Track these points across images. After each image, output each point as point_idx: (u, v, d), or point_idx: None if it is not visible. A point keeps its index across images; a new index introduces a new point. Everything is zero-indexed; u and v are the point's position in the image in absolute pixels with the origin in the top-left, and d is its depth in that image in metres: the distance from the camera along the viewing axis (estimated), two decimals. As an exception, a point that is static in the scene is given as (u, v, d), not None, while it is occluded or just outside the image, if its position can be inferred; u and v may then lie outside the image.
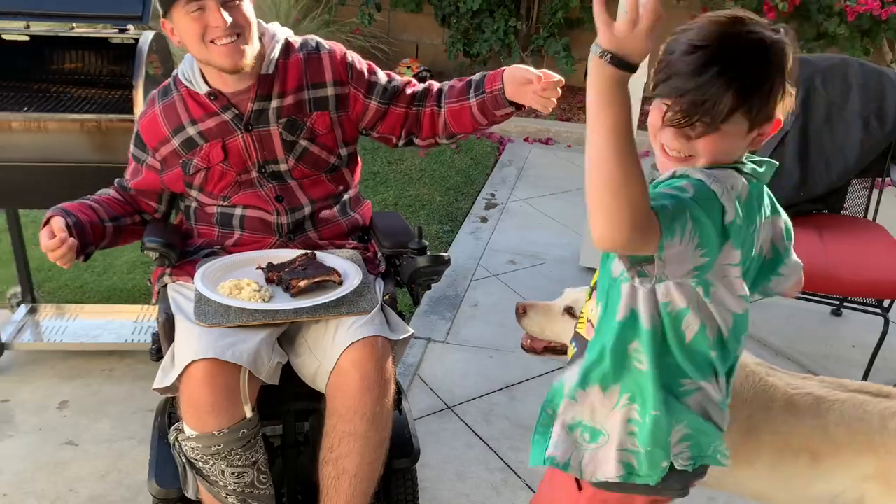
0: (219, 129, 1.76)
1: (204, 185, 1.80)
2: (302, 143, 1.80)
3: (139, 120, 1.84)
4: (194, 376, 1.49)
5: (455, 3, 5.60)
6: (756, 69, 1.11)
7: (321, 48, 1.84)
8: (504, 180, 4.50)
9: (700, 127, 1.13)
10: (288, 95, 1.78)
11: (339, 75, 1.82)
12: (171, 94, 1.81)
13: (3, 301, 2.89)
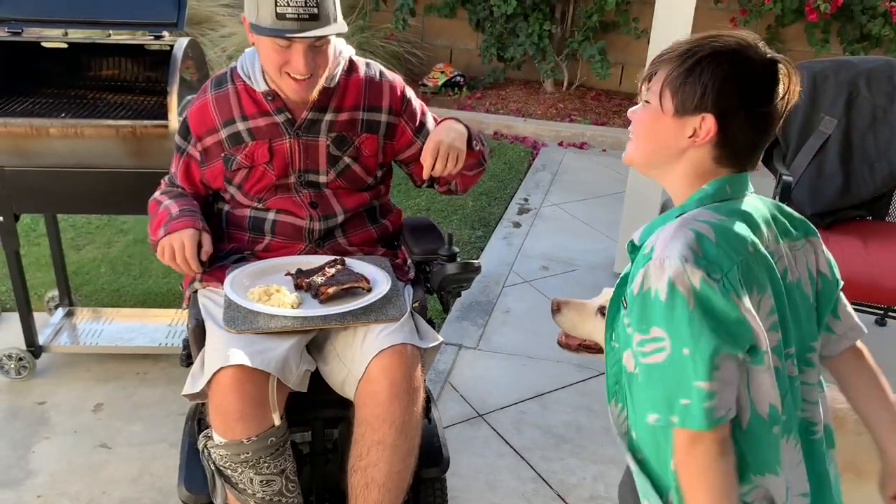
0: (268, 129, 1.77)
1: (243, 183, 1.80)
2: (346, 159, 1.81)
3: (189, 109, 1.83)
4: (223, 383, 1.49)
5: (489, 8, 5.58)
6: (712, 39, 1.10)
7: (384, 76, 1.87)
8: (538, 185, 4.46)
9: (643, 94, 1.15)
10: (343, 112, 1.79)
11: (395, 105, 1.85)
12: (225, 86, 1.80)
13: (41, 304, 2.93)
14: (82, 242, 3.50)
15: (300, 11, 1.58)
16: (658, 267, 1.04)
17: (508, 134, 5.26)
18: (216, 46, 5.46)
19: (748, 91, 1.08)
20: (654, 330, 1.05)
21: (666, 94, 1.11)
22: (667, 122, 1.11)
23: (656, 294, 1.04)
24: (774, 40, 5.35)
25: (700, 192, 1.13)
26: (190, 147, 1.83)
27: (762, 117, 1.09)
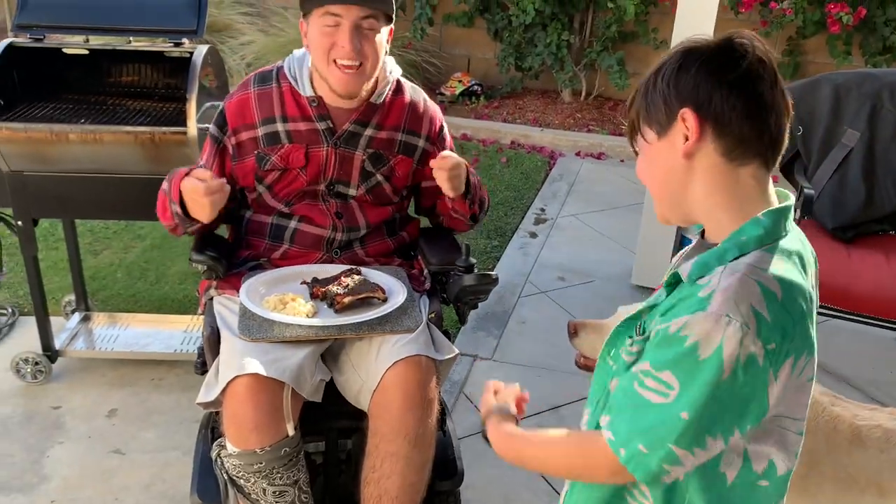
0: (307, 135, 1.76)
1: (274, 184, 1.80)
2: (378, 176, 1.82)
3: (227, 101, 1.82)
4: (237, 392, 1.48)
5: (508, 18, 5.57)
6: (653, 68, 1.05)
7: (427, 104, 1.89)
8: (554, 195, 4.44)
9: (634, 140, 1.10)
10: (384, 130, 1.80)
11: (432, 134, 1.87)
12: (269, 84, 1.80)
13: (58, 308, 2.94)
14: (99, 247, 3.52)
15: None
16: (713, 322, 0.93)
17: (525, 143, 5.24)
18: (235, 54, 5.49)
19: (708, 70, 1.00)
20: (667, 374, 0.96)
21: (643, 130, 1.06)
22: (658, 149, 1.05)
23: (693, 347, 0.94)
24: (795, 52, 5.31)
25: (756, 225, 1.01)
26: (225, 139, 1.81)
27: (740, 85, 0.99)
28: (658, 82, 1.02)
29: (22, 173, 2.30)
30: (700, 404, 0.94)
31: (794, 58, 5.32)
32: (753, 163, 1.01)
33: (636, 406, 0.99)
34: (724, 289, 0.95)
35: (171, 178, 1.73)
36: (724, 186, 1.02)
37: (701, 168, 1.02)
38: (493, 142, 5.24)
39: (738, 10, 4.88)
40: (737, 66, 0.99)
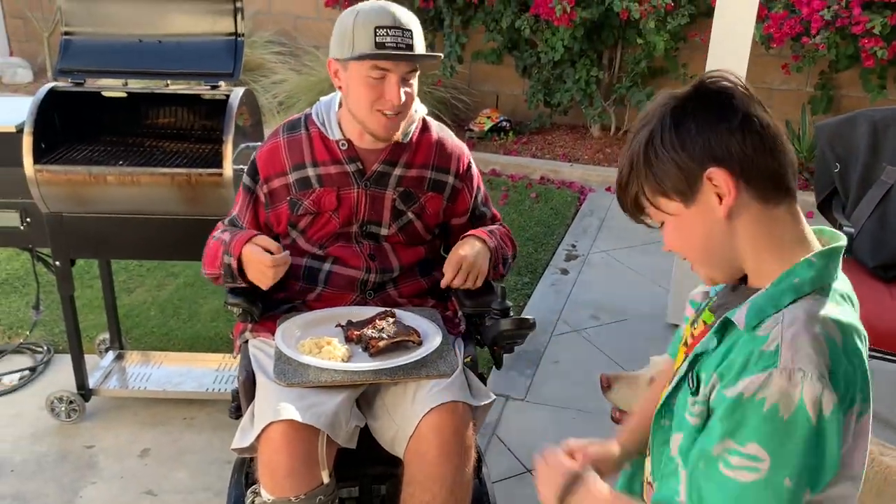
0: (338, 178, 1.77)
1: (307, 228, 1.81)
2: (410, 215, 1.82)
3: (258, 151, 1.85)
4: (272, 439, 1.46)
5: (536, 55, 5.61)
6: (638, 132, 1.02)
7: (454, 140, 1.90)
8: (585, 231, 4.41)
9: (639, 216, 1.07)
10: (413, 168, 1.81)
11: (460, 171, 1.88)
12: (298, 131, 1.82)
13: (92, 347, 2.97)
14: (133, 285, 3.56)
15: (398, 41, 1.61)
16: (787, 379, 0.89)
17: (555, 179, 5.23)
18: (267, 93, 5.58)
19: (709, 122, 0.96)
20: (753, 447, 0.91)
21: (663, 202, 1.01)
22: (692, 217, 1.00)
23: (773, 410, 0.89)
24: (828, 86, 5.26)
25: (809, 267, 0.97)
26: (257, 188, 1.83)
27: (747, 124, 0.96)
28: (659, 151, 0.98)
29: (60, 214, 2.33)
30: (798, 465, 0.90)
31: (827, 91, 5.27)
32: (787, 199, 0.99)
33: (726, 491, 0.93)
34: (791, 340, 0.91)
35: (233, 235, 1.74)
36: (766, 231, 0.99)
37: (742, 221, 0.99)
38: (522, 177, 5.23)
39: (769, 45, 4.86)
40: (733, 107, 0.97)
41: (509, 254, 1.90)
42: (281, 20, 6.49)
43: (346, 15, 1.67)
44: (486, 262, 1.76)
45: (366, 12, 1.64)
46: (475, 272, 1.73)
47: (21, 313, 3.24)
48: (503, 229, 1.95)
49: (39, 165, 2.25)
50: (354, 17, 1.64)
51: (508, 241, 1.92)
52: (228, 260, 1.70)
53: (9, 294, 3.41)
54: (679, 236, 1.04)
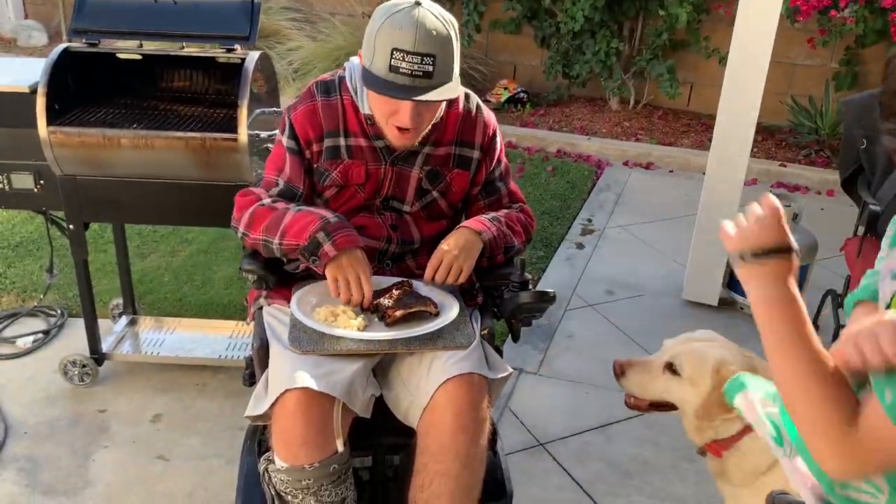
0: (368, 152, 1.73)
1: (332, 199, 1.76)
2: (434, 193, 1.78)
3: (293, 113, 1.74)
4: (287, 407, 1.44)
5: (556, 25, 5.51)
6: None
7: (480, 111, 1.82)
8: (602, 206, 4.36)
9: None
10: (441, 146, 1.76)
11: (485, 142, 1.81)
12: (334, 95, 1.74)
13: (105, 311, 2.96)
14: (147, 251, 3.55)
15: (414, 68, 1.52)
16: None
17: (572, 152, 5.17)
18: (283, 59, 5.53)
19: None
20: None
21: None
22: None
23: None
24: (853, 62, 5.15)
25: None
26: (303, 152, 1.74)
27: None
28: None
29: (74, 177, 2.31)
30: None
31: (852, 67, 5.16)
32: None
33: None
34: None
35: (332, 216, 1.64)
36: None
37: None
38: (538, 150, 5.17)
39: (794, 18, 4.75)
40: None
41: (517, 241, 1.80)
42: (297, -14, 6.40)
43: (378, 14, 1.56)
44: (472, 256, 1.69)
45: (391, 27, 1.52)
46: (458, 267, 1.68)
47: (35, 276, 3.24)
48: (515, 214, 1.85)
49: (53, 127, 2.22)
50: (380, 26, 1.54)
51: (520, 227, 1.83)
52: (324, 240, 1.59)
53: (23, 257, 3.41)
54: None
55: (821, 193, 4.67)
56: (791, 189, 4.66)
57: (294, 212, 1.66)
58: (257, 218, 1.69)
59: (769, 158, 5.04)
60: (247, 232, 1.70)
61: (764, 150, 5.16)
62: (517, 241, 1.81)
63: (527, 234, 1.87)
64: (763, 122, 4.74)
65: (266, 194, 1.75)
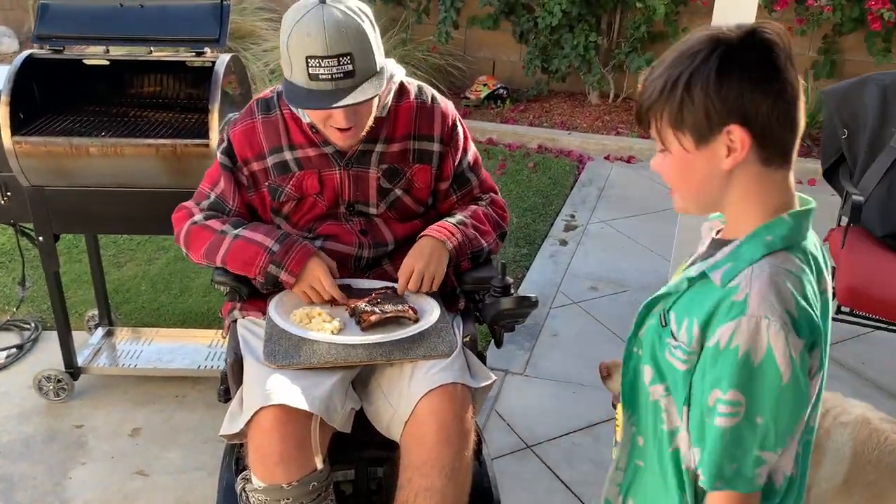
0: (318, 160, 1.68)
1: (291, 214, 1.73)
2: (397, 191, 1.73)
3: (231, 129, 1.72)
4: (263, 424, 1.40)
5: (534, 20, 5.47)
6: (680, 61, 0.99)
7: (435, 102, 1.76)
8: (584, 201, 4.33)
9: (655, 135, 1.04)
10: (394, 143, 1.71)
11: (445, 135, 1.76)
12: (273, 111, 1.70)
13: (81, 323, 2.90)
14: (123, 259, 3.48)
15: (333, 72, 1.47)
16: (754, 326, 0.95)
17: (553, 148, 5.14)
18: (259, 61, 5.45)
19: (751, 79, 0.96)
20: (732, 394, 0.97)
21: (677, 136, 1.01)
22: (696, 158, 1.01)
23: (745, 356, 0.96)
24: (831, 50, 5.15)
25: (782, 225, 1.02)
26: (237, 170, 1.73)
27: (781, 93, 0.97)
28: (695, 90, 0.97)
29: (42, 188, 2.24)
30: (773, 406, 0.97)
31: (830, 56, 5.16)
32: (786, 166, 1.03)
33: (724, 441, 0.99)
34: (757, 291, 0.97)
35: (275, 239, 1.63)
36: (760, 190, 1.03)
37: (741, 175, 1.01)
38: (519, 146, 5.14)
39: (772, 7, 4.74)
40: (777, 70, 0.97)
41: (485, 243, 1.76)
42: (271, -15, 6.32)
43: (284, 26, 1.51)
44: (441, 264, 1.67)
45: (298, 36, 1.47)
46: (429, 276, 1.66)
47: (7, 289, 3.17)
48: (483, 210, 1.80)
49: (18, 137, 2.16)
50: (288, 37, 1.49)
51: (488, 226, 1.78)
52: (277, 272, 1.61)
53: (-5, 269, 3.33)
54: (677, 171, 1.06)
55: (802, 183, 4.66)
56: (773, 179, 4.64)
57: (231, 238, 1.64)
58: (193, 239, 1.69)
59: (750, 149, 5.03)
60: (188, 252, 1.71)
61: (744, 140, 5.14)
62: (485, 242, 1.76)
63: (498, 230, 1.82)
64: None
65: (197, 208, 1.74)
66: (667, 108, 1.00)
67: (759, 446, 0.98)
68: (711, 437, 1.00)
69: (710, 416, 1.01)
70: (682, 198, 1.09)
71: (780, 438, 0.99)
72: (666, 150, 1.05)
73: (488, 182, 1.88)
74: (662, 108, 1.00)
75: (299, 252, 1.62)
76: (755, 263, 1.00)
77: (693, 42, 0.99)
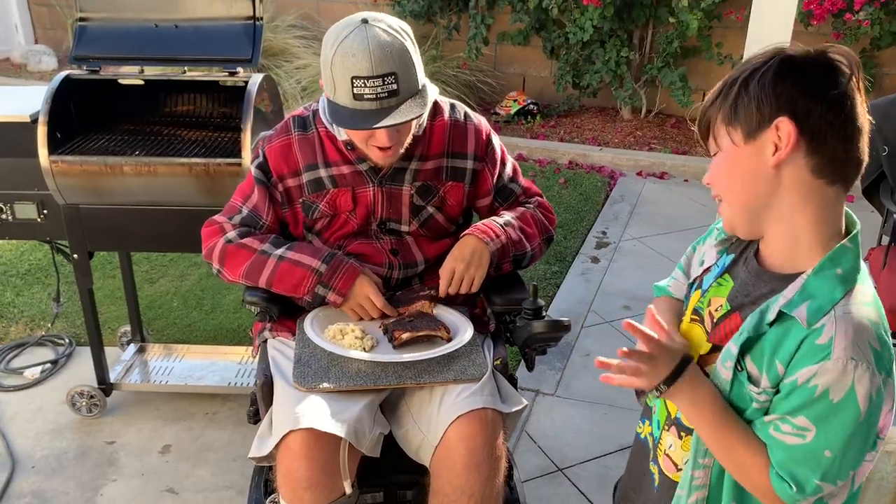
0: (352, 177, 1.68)
1: (324, 230, 1.73)
2: (429, 209, 1.73)
3: (267, 145, 1.72)
4: (291, 448, 1.38)
5: (565, 35, 5.46)
6: (742, 67, 1.02)
7: (469, 119, 1.76)
8: (616, 217, 4.28)
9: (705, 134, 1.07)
10: (429, 160, 1.71)
11: (479, 151, 1.76)
12: (310, 129, 1.71)
13: (114, 338, 2.92)
14: (156, 275, 3.51)
15: (378, 91, 1.47)
16: (841, 370, 0.95)
17: (584, 163, 5.10)
18: (291, 78, 5.50)
19: (809, 83, 0.97)
20: (802, 419, 0.98)
21: (728, 131, 1.02)
22: (744, 154, 1.01)
23: (825, 394, 0.96)
24: (869, 64, 5.05)
25: (847, 255, 1.00)
26: (271, 185, 1.73)
27: (839, 103, 0.96)
28: (751, 85, 0.99)
29: (77, 206, 2.27)
30: (842, 442, 0.96)
31: (868, 70, 5.05)
32: (839, 184, 1.00)
33: (775, 447, 1.01)
34: (843, 334, 0.96)
35: (323, 260, 1.64)
36: (814, 204, 1.00)
37: (789, 181, 1.00)
38: (549, 162, 5.11)
39: (808, 22, 4.66)
40: (838, 83, 0.97)
41: (529, 246, 1.75)
42: (304, 4, 6.40)
43: (327, 46, 1.51)
44: (482, 266, 1.67)
45: (343, 56, 1.47)
46: (469, 277, 1.66)
47: (44, 305, 3.21)
48: (531, 213, 1.80)
49: (55, 156, 2.19)
50: (332, 58, 1.49)
51: (535, 228, 1.77)
52: (325, 293, 1.63)
53: (32, 285, 3.38)
54: (725, 169, 1.05)
55: (840, 199, 4.57)
56: (809, 196, 4.56)
57: (275, 259, 1.64)
58: (230, 258, 1.68)
59: (786, 165, 4.95)
60: (221, 269, 1.70)
61: (780, 156, 5.06)
62: (530, 246, 1.75)
63: (545, 233, 1.81)
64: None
65: (229, 223, 1.73)
66: (723, 106, 1.02)
67: (821, 477, 0.98)
68: (776, 445, 1.01)
69: (761, 427, 1.02)
70: (729, 205, 1.06)
71: (844, 472, 0.98)
72: (718, 150, 1.05)
73: (532, 188, 1.88)
74: (720, 106, 1.02)
75: (347, 271, 1.63)
76: (837, 304, 0.98)
77: (759, 54, 1.02)
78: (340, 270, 1.63)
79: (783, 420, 0.99)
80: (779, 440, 1.00)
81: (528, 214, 1.79)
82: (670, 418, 1.17)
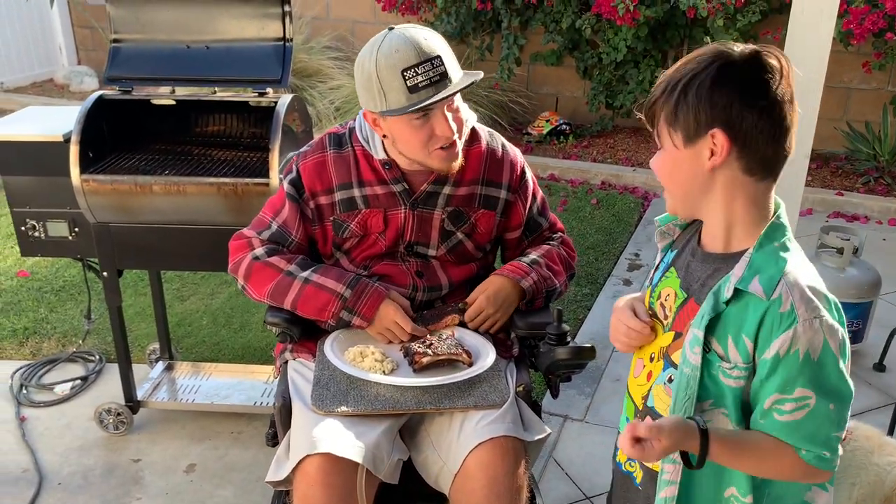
0: (385, 199, 1.68)
1: (352, 249, 1.72)
2: (459, 235, 1.72)
3: (302, 161, 1.72)
4: (308, 473, 1.36)
5: (598, 55, 5.43)
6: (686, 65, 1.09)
7: (506, 150, 1.77)
8: (649, 239, 4.21)
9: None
10: (463, 186, 1.70)
11: (513, 182, 1.76)
12: (346, 148, 1.70)
13: (142, 356, 2.94)
14: (187, 293, 3.53)
15: (431, 75, 1.50)
16: (809, 328, 1.04)
17: (617, 184, 5.05)
18: (325, 98, 5.55)
19: (742, 91, 1.05)
20: (799, 390, 1.05)
21: (670, 132, 1.11)
22: (683, 156, 1.10)
23: (806, 355, 1.04)
24: (912, 84, 4.94)
25: (779, 229, 1.12)
26: (303, 202, 1.72)
27: (770, 110, 1.06)
28: (689, 94, 1.07)
29: (108, 225, 2.29)
30: (836, 390, 1.05)
31: (910, 90, 4.94)
32: (768, 179, 1.11)
33: (790, 431, 1.07)
34: (800, 297, 1.05)
35: (348, 284, 1.65)
36: (746, 196, 1.11)
37: (723, 179, 1.10)
38: (582, 182, 5.06)
39: (848, 42, 4.57)
40: (769, 89, 1.05)
41: (557, 283, 1.77)
42: (338, 25, 6.46)
43: (364, 60, 1.53)
44: (508, 312, 1.70)
45: (386, 56, 1.49)
46: (493, 320, 1.68)
47: (76, 321, 3.25)
48: (556, 251, 1.81)
49: (86, 175, 2.21)
50: (375, 65, 1.50)
51: (560, 266, 1.78)
52: (350, 318, 1.64)
53: (65, 301, 3.42)
54: (668, 167, 1.14)
55: (882, 223, 4.44)
56: (849, 219, 4.45)
57: (301, 283, 1.63)
58: (256, 276, 1.67)
59: (825, 187, 4.83)
60: (246, 286, 1.70)
61: (819, 178, 4.95)
62: (558, 283, 1.75)
63: (569, 271, 1.82)
64: (817, 150, 4.55)
65: (258, 239, 1.72)
66: (665, 106, 1.09)
67: (837, 428, 1.06)
68: (782, 432, 1.07)
69: (765, 417, 1.08)
70: (671, 195, 1.17)
71: (846, 409, 1.07)
72: (662, 147, 1.14)
73: (557, 223, 1.89)
74: (662, 105, 1.10)
75: (371, 297, 1.63)
76: (784, 271, 1.07)
77: (702, 51, 1.09)
78: (365, 295, 1.62)
79: (781, 401, 1.05)
80: (788, 423, 1.05)
81: (555, 252, 1.80)
82: (640, 411, 1.25)
